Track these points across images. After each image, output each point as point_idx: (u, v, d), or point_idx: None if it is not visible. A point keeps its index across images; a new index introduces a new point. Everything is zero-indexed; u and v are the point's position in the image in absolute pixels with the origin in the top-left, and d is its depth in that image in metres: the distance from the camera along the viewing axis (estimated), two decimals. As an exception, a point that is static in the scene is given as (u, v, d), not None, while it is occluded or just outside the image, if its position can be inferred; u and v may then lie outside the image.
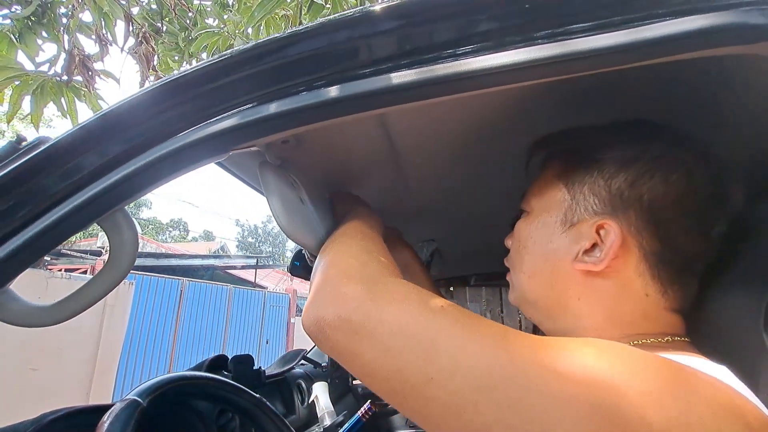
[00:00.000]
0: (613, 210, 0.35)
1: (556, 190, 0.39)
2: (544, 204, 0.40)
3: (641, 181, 0.34)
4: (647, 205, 0.33)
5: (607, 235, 0.34)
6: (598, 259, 0.34)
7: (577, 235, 0.36)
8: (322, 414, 1.08)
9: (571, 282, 0.36)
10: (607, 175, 0.35)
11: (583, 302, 0.36)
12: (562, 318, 0.38)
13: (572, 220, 0.37)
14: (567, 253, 0.36)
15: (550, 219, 0.38)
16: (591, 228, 0.35)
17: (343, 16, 0.35)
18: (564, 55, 0.30)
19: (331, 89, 0.33)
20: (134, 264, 0.39)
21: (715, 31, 0.29)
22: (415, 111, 0.45)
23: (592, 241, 0.35)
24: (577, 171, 0.37)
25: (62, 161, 0.33)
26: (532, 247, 0.40)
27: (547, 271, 0.38)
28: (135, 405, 0.45)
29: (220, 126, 0.33)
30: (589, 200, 0.36)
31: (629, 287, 0.34)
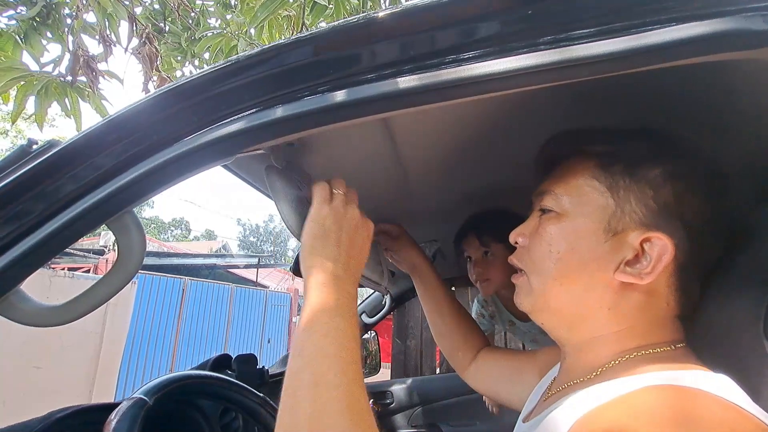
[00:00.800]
0: (660, 222, 0.34)
1: (598, 194, 0.36)
2: (582, 208, 0.37)
3: (686, 197, 0.34)
4: (690, 220, 0.34)
5: (653, 247, 0.33)
6: (644, 273, 0.33)
7: (621, 245, 0.35)
8: (324, 413, 1.09)
9: (607, 292, 0.35)
10: (655, 186, 0.34)
11: (612, 312, 0.35)
12: (583, 327, 0.37)
13: (616, 228, 0.35)
14: (609, 263, 0.35)
15: (590, 224, 0.36)
16: (636, 239, 0.34)
17: (347, 22, 0.35)
18: (566, 61, 0.31)
19: (335, 94, 0.34)
20: (142, 264, 0.39)
21: (718, 36, 0.29)
22: (419, 114, 0.46)
23: (635, 252, 0.34)
24: (623, 177, 0.35)
25: (73, 164, 0.34)
26: (567, 253, 0.37)
27: (584, 280, 0.36)
28: (141, 403, 0.46)
29: (227, 130, 0.33)
30: (636, 210, 0.35)
31: (656, 298, 0.35)
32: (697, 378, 0.29)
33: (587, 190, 0.37)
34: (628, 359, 0.34)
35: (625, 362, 0.34)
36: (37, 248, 0.34)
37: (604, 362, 0.35)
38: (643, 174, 0.35)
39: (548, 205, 0.39)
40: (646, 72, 0.31)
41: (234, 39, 1.61)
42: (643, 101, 0.43)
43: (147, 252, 2.43)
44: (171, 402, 0.58)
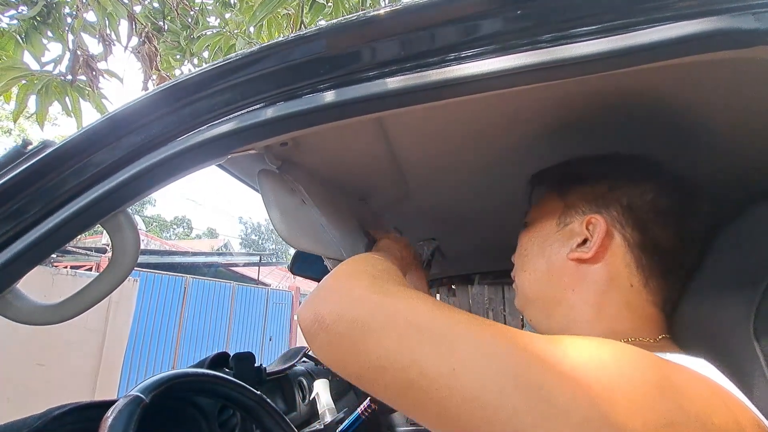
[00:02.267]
0: (598, 208, 0.41)
1: (552, 201, 0.45)
2: (542, 214, 0.46)
3: (618, 186, 0.41)
4: (626, 204, 0.39)
5: (595, 228, 0.39)
6: (588, 248, 0.39)
7: (570, 233, 0.42)
8: (323, 411, 1.09)
9: (566, 273, 0.41)
10: (592, 183, 0.42)
11: (577, 293, 0.40)
12: (557, 312, 0.41)
13: (565, 221, 0.43)
14: (561, 248, 0.42)
15: (546, 224, 0.44)
16: (582, 225, 0.41)
17: (341, 21, 0.35)
18: (557, 61, 0.31)
19: (328, 94, 0.34)
20: (136, 263, 0.40)
21: (708, 36, 0.29)
22: (414, 112, 0.46)
23: (584, 237, 0.40)
24: (569, 185, 0.44)
25: (66, 165, 0.34)
26: (531, 249, 0.45)
27: (544, 266, 0.43)
28: (138, 401, 0.46)
29: (219, 130, 0.33)
30: (578, 204, 0.42)
31: (617, 277, 0.38)
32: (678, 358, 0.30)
33: (547, 202, 0.47)
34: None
35: None
36: (32, 248, 0.34)
37: None
38: (583, 178, 0.43)
39: (525, 220, 0.49)
40: (636, 70, 0.31)
41: (233, 38, 1.61)
42: (633, 97, 0.43)
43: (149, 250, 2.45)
44: (169, 399, 0.59)
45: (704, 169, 0.49)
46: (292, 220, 0.43)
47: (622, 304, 0.38)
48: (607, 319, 0.38)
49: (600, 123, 0.46)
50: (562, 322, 0.41)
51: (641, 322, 0.37)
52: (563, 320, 0.40)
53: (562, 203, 0.44)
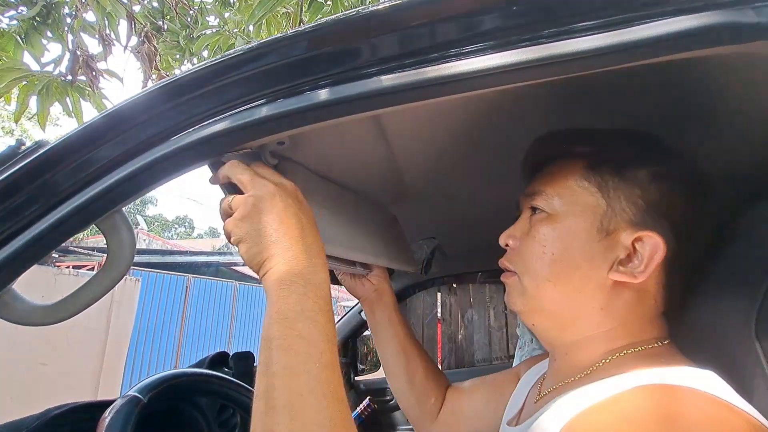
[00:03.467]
0: (649, 221, 0.35)
1: (588, 194, 0.37)
2: (574, 208, 0.37)
3: (672, 197, 0.35)
4: (677, 220, 0.35)
5: (645, 246, 0.34)
6: (638, 272, 0.34)
7: (613, 244, 0.35)
8: (323, 410, 1.09)
9: (600, 292, 0.36)
10: (644, 186, 0.35)
11: (604, 312, 0.36)
12: (574, 328, 0.37)
13: (608, 228, 0.36)
14: (602, 262, 0.35)
15: (583, 224, 0.36)
16: (628, 238, 0.35)
17: (337, 18, 0.35)
18: (556, 57, 0.30)
19: (324, 91, 0.33)
20: (132, 264, 0.40)
21: (707, 31, 0.29)
22: (411, 110, 0.46)
23: (628, 252, 0.35)
24: (612, 178, 0.36)
25: (61, 165, 0.34)
26: (561, 254, 0.37)
27: (577, 280, 0.36)
28: (135, 401, 0.46)
29: (213, 129, 0.33)
30: (626, 209, 0.35)
31: (646, 295, 0.36)
32: (685, 375, 0.29)
33: (578, 190, 0.37)
34: (617, 358, 0.34)
35: (614, 361, 0.34)
36: (28, 248, 0.34)
37: (593, 362, 0.35)
38: (630, 174, 0.35)
39: (539, 205, 0.39)
40: (634, 67, 0.30)
41: (232, 37, 1.61)
42: (632, 98, 0.42)
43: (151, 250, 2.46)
44: (168, 399, 0.59)
45: (703, 167, 0.48)
46: None
47: (644, 318, 0.36)
48: (625, 336, 0.35)
49: (602, 116, 0.46)
50: (575, 337, 0.37)
51: (654, 331, 0.36)
52: (578, 335, 0.37)
53: (604, 201, 0.36)
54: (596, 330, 0.36)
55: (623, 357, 0.34)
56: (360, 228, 0.60)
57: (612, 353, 0.35)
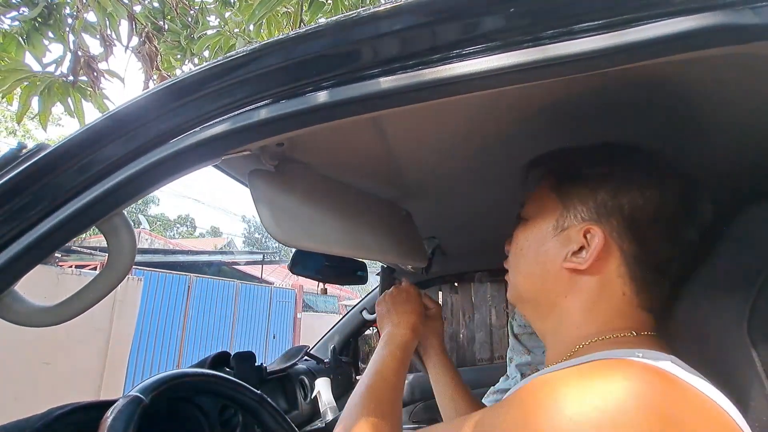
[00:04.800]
0: (598, 217, 0.39)
1: (550, 200, 0.43)
2: (539, 213, 0.44)
3: (621, 194, 0.38)
4: (627, 214, 0.38)
5: (593, 238, 0.39)
6: (584, 259, 0.39)
7: (567, 239, 0.41)
8: (324, 409, 1.10)
9: (560, 280, 0.41)
10: (592, 187, 0.40)
11: (569, 300, 0.40)
12: (550, 316, 0.42)
13: (563, 225, 0.41)
14: (557, 255, 0.41)
15: (543, 225, 0.43)
16: (579, 233, 0.39)
17: (336, 20, 0.35)
18: (556, 58, 0.30)
19: (323, 93, 0.33)
20: (138, 263, 0.40)
21: (707, 31, 0.29)
22: (411, 111, 0.46)
23: (580, 245, 0.39)
24: (568, 184, 0.42)
25: (61, 167, 0.34)
26: (527, 250, 0.44)
27: (539, 271, 0.43)
28: (137, 401, 0.46)
29: (212, 132, 0.33)
30: (578, 209, 0.40)
31: (609, 287, 0.39)
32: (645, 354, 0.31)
33: (543, 198, 0.44)
34: (590, 343, 0.37)
35: (587, 346, 0.37)
36: (29, 250, 0.34)
37: (570, 348, 0.39)
38: (583, 178, 0.41)
39: (521, 214, 0.47)
40: (633, 66, 0.30)
41: (233, 37, 1.61)
42: (632, 96, 0.42)
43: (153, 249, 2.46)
44: (170, 399, 0.59)
45: (698, 167, 0.48)
46: (283, 219, 0.43)
47: (613, 311, 0.38)
48: (595, 323, 0.39)
49: (600, 117, 0.46)
50: (554, 325, 0.42)
51: (628, 323, 0.38)
52: (555, 323, 0.42)
53: (560, 204, 0.42)
54: (570, 319, 0.40)
55: (595, 342, 0.37)
56: (364, 226, 0.60)
57: (586, 339, 0.38)
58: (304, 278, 1.10)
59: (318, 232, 0.48)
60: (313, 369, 1.24)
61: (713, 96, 0.39)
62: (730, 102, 0.39)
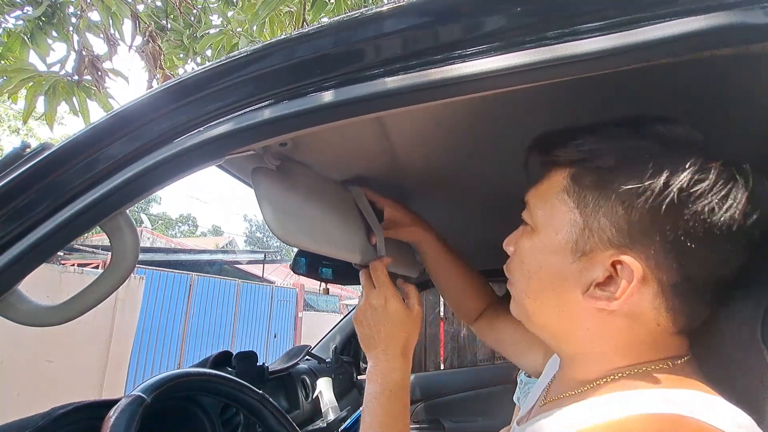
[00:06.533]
0: (632, 242, 0.30)
1: (566, 209, 0.33)
2: (551, 222, 0.34)
3: (670, 210, 0.29)
4: (673, 237, 0.29)
5: (624, 271, 0.30)
6: (613, 298, 0.31)
7: (590, 265, 0.32)
8: (326, 409, 1.10)
9: (580, 313, 0.33)
10: (628, 202, 0.30)
11: (592, 332, 0.33)
12: (569, 343, 0.36)
13: (584, 248, 0.32)
14: (577, 284, 0.33)
15: (558, 241, 0.34)
16: (607, 260, 0.31)
17: (340, 20, 0.35)
18: (562, 58, 0.30)
19: (327, 93, 0.33)
20: (140, 262, 0.40)
21: (715, 31, 0.28)
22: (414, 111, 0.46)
23: (607, 274, 0.31)
24: (591, 192, 0.32)
25: (64, 167, 0.34)
26: (537, 272, 0.35)
27: (554, 299, 0.34)
28: (139, 401, 0.46)
29: (215, 132, 0.33)
30: (605, 229, 0.31)
31: (641, 319, 0.32)
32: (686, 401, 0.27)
33: (557, 204, 0.34)
34: (621, 377, 0.32)
35: (618, 380, 0.32)
36: (33, 249, 0.34)
37: (595, 377, 0.33)
38: (613, 188, 0.31)
39: (525, 217, 0.38)
40: (641, 67, 0.30)
41: (235, 37, 1.61)
42: (639, 97, 0.42)
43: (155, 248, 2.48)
44: (172, 399, 0.59)
45: None
46: (285, 218, 0.43)
47: (644, 342, 0.32)
48: (624, 357, 0.33)
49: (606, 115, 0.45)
50: (573, 352, 0.36)
51: (663, 352, 0.32)
52: (575, 350, 0.36)
53: (581, 218, 0.32)
54: (591, 349, 0.34)
55: (627, 376, 0.32)
56: (361, 229, 0.60)
57: (615, 371, 0.32)
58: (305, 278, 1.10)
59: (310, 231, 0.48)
60: (315, 369, 1.25)
61: (720, 96, 0.39)
62: (738, 102, 0.38)
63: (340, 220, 0.55)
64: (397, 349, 0.48)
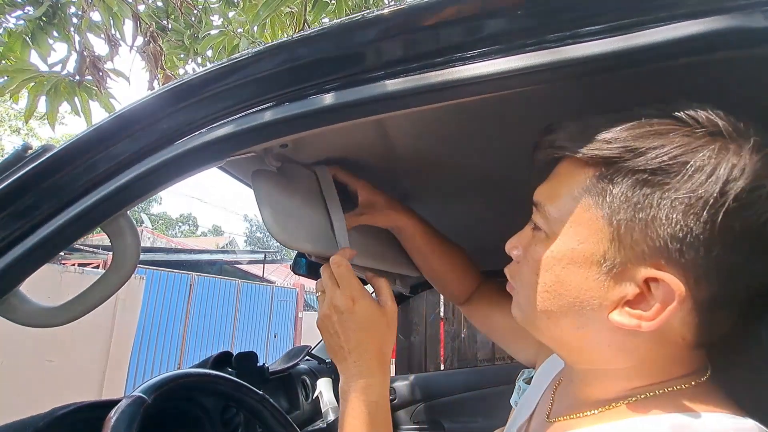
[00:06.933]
0: (671, 257, 0.26)
1: (590, 215, 0.28)
2: (572, 230, 0.29)
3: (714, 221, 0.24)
4: (717, 250, 0.25)
5: (660, 288, 0.26)
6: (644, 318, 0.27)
7: (619, 281, 0.28)
8: (326, 409, 1.10)
9: (602, 332, 0.30)
10: (671, 212, 0.25)
11: (613, 349, 0.30)
12: (583, 359, 0.33)
13: (614, 262, 0.28)
14: (603, 302, 0.28)
15: (581, 252, 0.29)
16: (639, 276, 0.27)
17: (341, 22, 0.35)
18: (563, 61, 0.30)
19: (328, 96, 0.33)
20: (141, 263, 0.40)
21: (715, 35, 0.28)
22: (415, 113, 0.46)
23: (637, 291, 0.27)
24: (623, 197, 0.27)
25: (66, 168, 0.34)
26: (554, 286, 0.31)
27: (572, 316, 0.30)
28: (140, 401, 0.46)
29: (216, 134, 0.33)
30: (639, 243, 0.27)
31: (668, 335, 0.28)
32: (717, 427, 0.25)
33: (578, 208, 0.29)
34: (640, 399, 0.29)
35: (636, 403, 0.29)
36: (34, 251, 0.34)
37: (611, 398, 0.31)
38: (650, 195, 0.26)
39: (538, 223, 0.33)
40: (646, 71, 0.30)
41: (237, 37, 1.62)
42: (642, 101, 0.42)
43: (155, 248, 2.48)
44: (172, 399, 0.59)
45: None
46: (285, 220, 0.43)
47: (666, 357, 0.29)
48: (645, 375, 0.30)
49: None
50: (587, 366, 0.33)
51: (685, 368, 0.30)
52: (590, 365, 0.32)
53: (608, 228, 0.27)
54: (609, 366, 0.31)
55: (646, 399, 0.29)
56: (360, 230, 0.60)
57: (633, 393, 0.29)
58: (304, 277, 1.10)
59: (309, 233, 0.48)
60: (315, 369, 1.25)
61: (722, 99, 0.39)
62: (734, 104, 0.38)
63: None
64: (372, 360, 0.41)
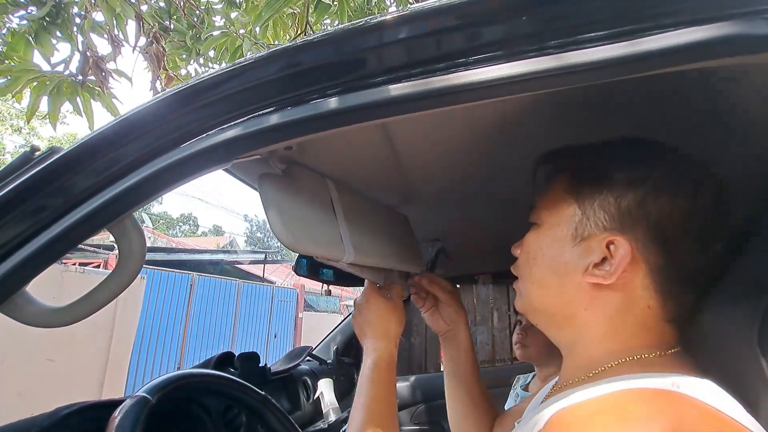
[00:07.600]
0: (622, 226, 0.36)
1: (567, 204, 0.40)
2: (554, 218, 0.41)
3: (649, 200, 0.35)
4: (654, 223, 0.35)
5: (617, 250, 0.36)
6: (608, 273, 0.36)
7: (588, 249, 0.37)
8: (327, 410, 1.10)
9: (579, 293, 0.38)
10: (617, 193, 0.36)
11: (590, 312, 0.38)
12: (567, 327, 0.40)
13: (582, 234, 0.38)
14: (577, 266, 0.38)
15: (560, 232, 0.40)
16: (601, 243, 0.37)
17: (346, 27, 0.35)
18: (564, 68, 0.30)
19: (333, 100, 0.34)
20: (142, 267, 0.40)
21: (717, 41, 0.29)
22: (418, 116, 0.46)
23: (602, 255, 0.36)
24: (588, 187, 0.38)
25: (73, 171, 0.35)
26: (542, 259, 0.41)
27: (556, 282, 0.40)
28: (144, 401, 0.47)
29: (222, 137, 0.34)
30: (599, 216, 0.37)
31: (633, 300, 0.36)
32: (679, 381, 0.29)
33: (559, 202, 0.41)
34: (618, 364, 0.35)
35: (614, 367, 0.35)
36: (41, 252, 0.35)
37: (593, 366, 0.36)
38: (606, 183, 0.37)
39: (532, 218, 0.44)
40: (647, 77, 0.30)
41: (239, 38, 1.62)
42: (644, 107, 0.42)
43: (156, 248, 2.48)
44: (175, 399, 0.60)
45: None
46: (292, 223, 0.44)
47: (637, 324, 0.36)
48: (619, 339, 0.36)
49: (611, 120, 0.45)
50: (571, 336, 0.40)
51: (655, 338, 0.36)
52: (573, 335, 0.40)
53: (578, 209, 0.38)
54: (590, 332, 0.38)
55: (623, 363, 0.35)
56: (365, 229, 0.60)
57: (610, 358, 0.35)
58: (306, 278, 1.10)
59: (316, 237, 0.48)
60: (316, 370, 1.25)
61: (723, 106, 0.39)
62: (742, 112, 0.39)
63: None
64: (381, 333, 0.58)
